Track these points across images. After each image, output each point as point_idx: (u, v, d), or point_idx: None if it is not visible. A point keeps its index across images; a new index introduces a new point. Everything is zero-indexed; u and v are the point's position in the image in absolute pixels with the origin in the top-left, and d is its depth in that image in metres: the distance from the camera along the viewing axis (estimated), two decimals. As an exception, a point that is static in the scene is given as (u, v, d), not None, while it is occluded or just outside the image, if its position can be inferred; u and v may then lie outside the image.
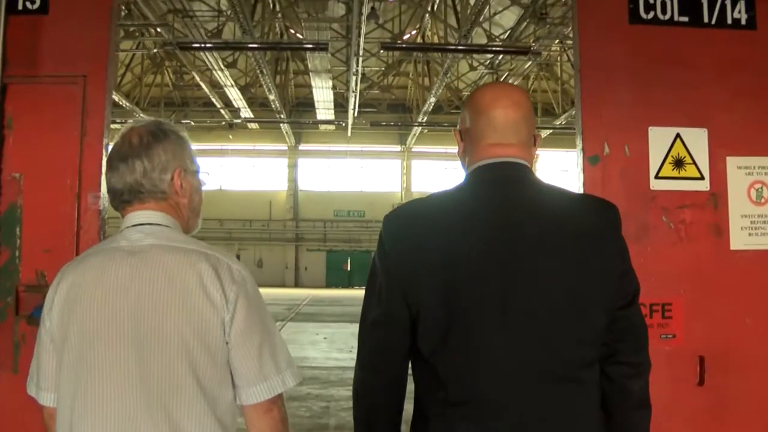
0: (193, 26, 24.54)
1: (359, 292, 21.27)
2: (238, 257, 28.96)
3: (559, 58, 36.17)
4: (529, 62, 30.49)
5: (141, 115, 37.27)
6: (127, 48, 29.14)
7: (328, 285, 45.85)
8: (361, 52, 26.23)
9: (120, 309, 1.97)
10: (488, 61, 34.77)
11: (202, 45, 23.27)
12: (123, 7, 24.87)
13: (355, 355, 2.18)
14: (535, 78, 39.93)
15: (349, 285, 45.75)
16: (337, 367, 11.16)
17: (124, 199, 2.12)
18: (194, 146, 2.38)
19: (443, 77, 29.41)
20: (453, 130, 2.35)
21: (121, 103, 35.51)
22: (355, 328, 7.42)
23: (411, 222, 2.08)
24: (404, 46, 26.76)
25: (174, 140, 2.19)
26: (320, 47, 22.53)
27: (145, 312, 1.96)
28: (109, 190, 2.13)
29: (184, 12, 23.78)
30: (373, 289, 2.09)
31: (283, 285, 45.41)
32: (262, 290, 2.12)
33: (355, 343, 2.21)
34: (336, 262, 46.69)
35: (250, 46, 23.20)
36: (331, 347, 12.47)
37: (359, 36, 25.20)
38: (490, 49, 24.84)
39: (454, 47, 24.41)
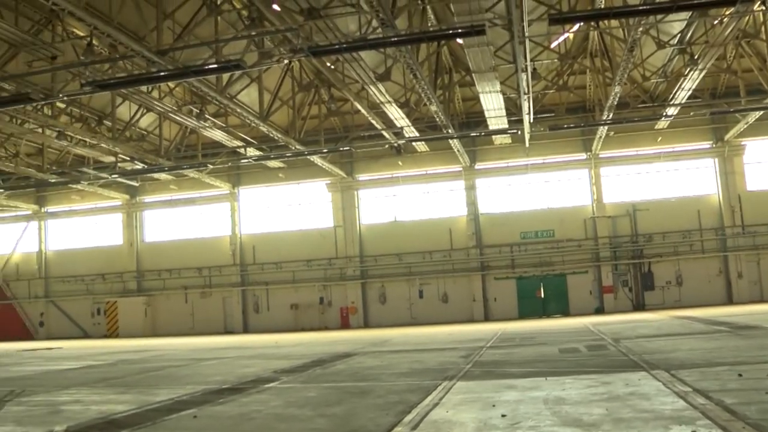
0: (328, 30, 21.14)
1: (555, 323, 15.09)
2: (420, 293, 25.66)
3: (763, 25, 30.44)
4: (729, 29, 24.96)
5: (297, 147, 34.68)
6: (255, 63, 26.00)
7: (521, 316, 41.35)
8: (526, 33, 21.91)
9: None
10: (677, 37, 29.69)
11: (337, 47, 19.73)
12: (245, 16, 22.04)
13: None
14: (733, 55, 34.04)
15: (543, 314, 41.22)
16: None
17: None
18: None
19: (628, 56, 24.56)
20: None
21: (272, 135, 32.95)
22: (552, 387, 9.36)
23: None
24: (577, 14, 22.06)
25: None
26: (476, 30, 18.45)
27: None
28: None
29: (312, 12, 20.37)
30: None
31: (471, 320, 41.43)
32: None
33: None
34: (528, 290, 42.14)
35: (393, 40, 19.40)
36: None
37: (522, 21, 21.07)
38: (696, 2, 19.63)
39: (641, 7, 19.47)
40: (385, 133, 34.91)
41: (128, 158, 37.78)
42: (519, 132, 34.89)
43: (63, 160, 40.37)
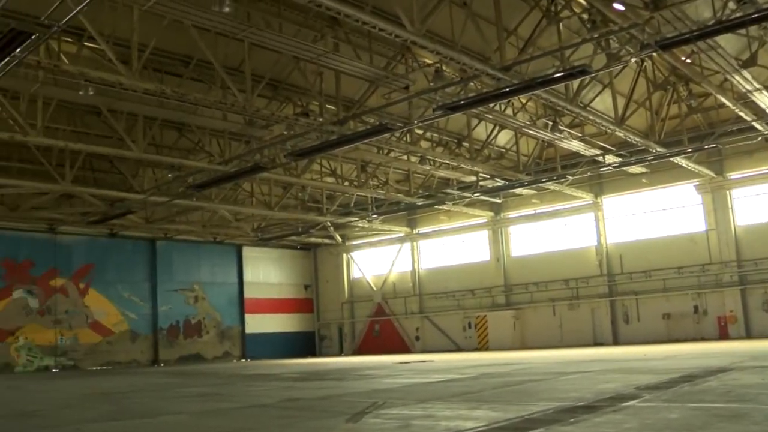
0: (677, 20, 19.71)
1: None
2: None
3: None
4: None
5: (658, 150, 33.09)
6: (602, 67, 25.07)
7: None
8: None
9: None
10: None
11: (687, 36, 18.33)
12: (586, 19, 21.37)
13: None
14: None
15: None
16: None
17: None
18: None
19: None
20: None
21: (630, 140, 31.83)
22: None
23: None
24: None
25: None
26: None
27: None
28: None
29: (657, 4, 19.03)
30: None
31: None
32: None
33: None
34: None
35: (753, 17, 17.52)
36: None
37: None
38: None
39: None
40: (756, 125, 31.97)
41: (488, 176, 38.64)
42: None
43: (428, 184, 42.30)
